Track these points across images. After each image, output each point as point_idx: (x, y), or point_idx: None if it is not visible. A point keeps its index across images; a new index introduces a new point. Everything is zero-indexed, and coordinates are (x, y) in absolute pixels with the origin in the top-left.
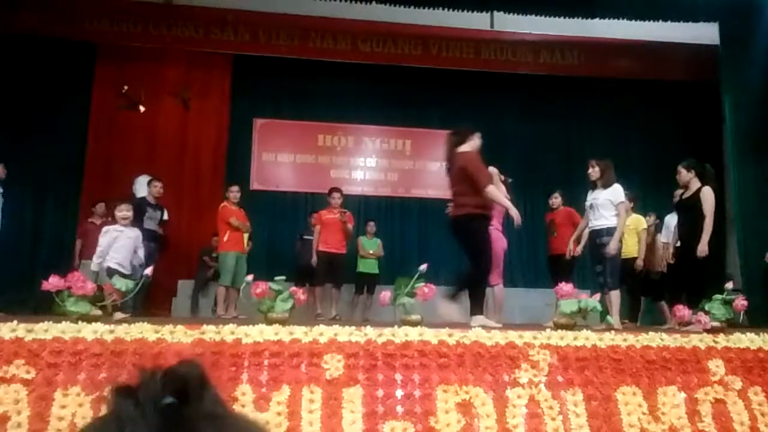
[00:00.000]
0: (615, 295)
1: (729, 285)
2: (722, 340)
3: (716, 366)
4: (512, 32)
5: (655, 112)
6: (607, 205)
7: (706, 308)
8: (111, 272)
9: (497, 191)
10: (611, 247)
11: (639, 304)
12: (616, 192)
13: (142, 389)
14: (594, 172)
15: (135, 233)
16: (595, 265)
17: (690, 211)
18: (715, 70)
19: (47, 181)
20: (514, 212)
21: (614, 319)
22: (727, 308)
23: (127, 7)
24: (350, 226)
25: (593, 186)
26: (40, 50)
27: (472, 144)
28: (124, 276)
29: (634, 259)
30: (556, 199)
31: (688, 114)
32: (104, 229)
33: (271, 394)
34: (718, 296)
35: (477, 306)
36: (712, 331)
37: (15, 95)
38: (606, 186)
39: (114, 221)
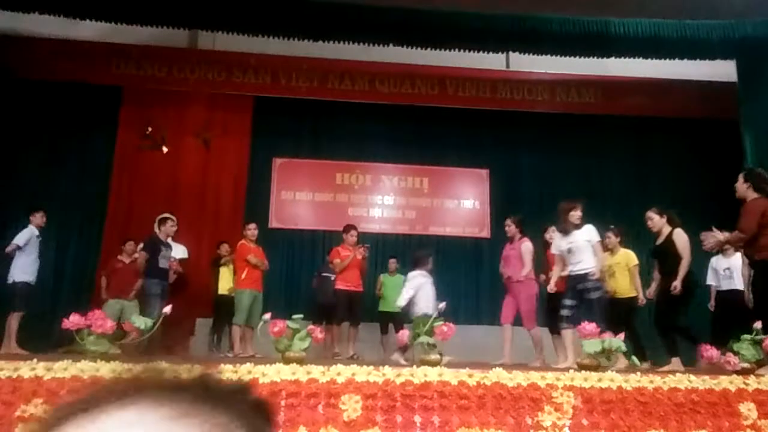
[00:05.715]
0: (569, 333)
1: (757, 325)
2: (753, 383)
3: (748, 409)
4: (528, 72)
5: (673, 149)
6: (587, 247)
7: (735, 349)
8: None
9: None
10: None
11: (642, 344)
12: (592, 232)
13: None
14: (577, 214)
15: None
16: (567, 300)
17: (666, 256)
18: (733, 107)
19: (71, 219)
20: None
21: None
22: (757, 349)
23: (152, 51)
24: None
25: (564, 231)
26: (68, 94)
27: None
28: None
29: (629, 298)
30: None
31: (707, 151)
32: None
33: None
34: (747, 336)
35: None
36: (742, 372)
37: (42, 136)
38: (579, 227)
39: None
